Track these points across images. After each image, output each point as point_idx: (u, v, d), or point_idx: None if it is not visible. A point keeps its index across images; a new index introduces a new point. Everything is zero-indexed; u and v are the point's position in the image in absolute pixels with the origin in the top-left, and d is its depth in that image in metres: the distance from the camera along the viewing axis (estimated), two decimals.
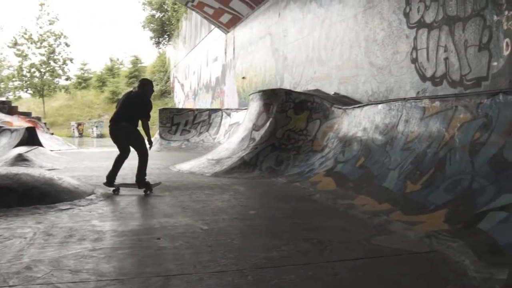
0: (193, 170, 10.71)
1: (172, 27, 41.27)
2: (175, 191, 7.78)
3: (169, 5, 40.78)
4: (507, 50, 6.78)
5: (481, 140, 5.70)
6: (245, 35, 20.61)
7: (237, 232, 5.02)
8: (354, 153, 8.31)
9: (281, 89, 12.09)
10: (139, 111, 7.57)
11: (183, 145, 18.63)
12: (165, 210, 6.24)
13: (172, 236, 4.77)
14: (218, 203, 6.83)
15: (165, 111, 20.41)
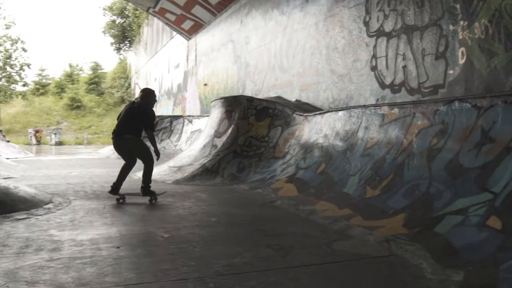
0: (154, 177, 10.51)
1: (133, 33, 40.83)
2: (135, 199, 7.66)
3: (130, 11, 40.34)
4: (462, 59, 6.98)
5: (438, 146, 5.84)
6: (207, 42, 20.57)
7: (198, 239, 4.97)
8: (315, 160, 8.38)
9: (243, 96, 12.11)
10: (143, 122, 7.44)
11: None
12: (125, 218, 6.14)
13: (132, 245, 4.69)
14: (179, 210, 6.77)
15: None
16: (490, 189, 4.65)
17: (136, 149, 7.51)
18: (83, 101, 44.77)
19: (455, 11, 7.10)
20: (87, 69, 51.64)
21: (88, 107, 44.42)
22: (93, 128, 41.02)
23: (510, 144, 4.81)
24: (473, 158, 5.19)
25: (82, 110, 44.06)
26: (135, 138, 7.40)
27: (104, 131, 39.82)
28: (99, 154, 21.61)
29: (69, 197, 7.71)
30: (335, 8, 10.49)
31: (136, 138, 7.43)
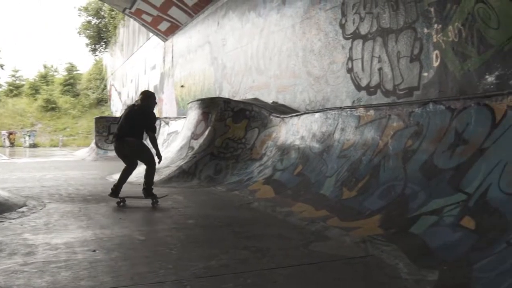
0: (131, 180, 10.45)
1: (109, 34, 40.44)
2: (111, 201, 7.57)
3: (106, 12, 39.95)
4: (436, 62, 7.08)
5: (413, 147, 5.91)
6: (184, 43, 20.49)
7: (175, 242, 4.94)
8: (292, 161, 8.41)
9: (219, 98, 12.09)
10: (144, 124, 7.38)
11: None
12: (101, 221, 6.06)
13: (108, 248, 4.63)
14: (156, 213, 6.72)
15: (101, 119, 19.91)
16: (463, 189, 4.73)
17: (138, 152, 7.44)
18: (58, 103, 44.10)
19: (429, 14, 7.20)
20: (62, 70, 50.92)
21: (63, 109, 43.78)
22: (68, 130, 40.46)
23: (483, 146, 4.90)
24: (447, 159, 5.26)
25: (57, 111, 43.40)
26: (136, 140, 7.34)
27: (79, 133, 39.33)
28: (75, 156, 21.34)
29: (44, 200, 7.58)
30: (312, 10, 10.55)
31: (138, 141, 7.37)
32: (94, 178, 11.17)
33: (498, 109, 4.98)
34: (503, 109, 4.91)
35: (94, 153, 18.50)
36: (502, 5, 5.99)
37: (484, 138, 4.95)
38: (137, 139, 7.33)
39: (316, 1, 10.42)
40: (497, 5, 6.05)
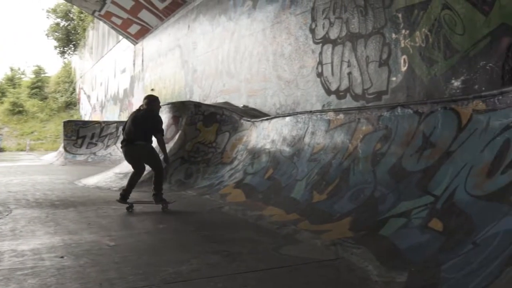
0: (100, 184, 10.36)
1: (78, 36, 39.81)
2: (80, 206, 7.46)
3: (75, 14, 39.32)
4: (404, 66, 7.20)
5: (382, 150, 5.99)
6: (154, 47, 20.34)
7: (145, 247, 4.89)
8: (262, 165, 8.42)
9: (190, 102, 12.04)
10: (152, 127, 7.35)
11: (90, 158, 17.98)
12: (70, 226, 5.95)
13: (76, 254, 4.55)
14: (126, 217, 6.64)
15: (70, 123, 19.60)
16: (431, 192, 4.81)
17: (147, 156, 7.39)
18: (25, 106, 43.12)
19: (397, 20, 7.32)
20: (29, 73, 49.81)
21: (30, 112, 42.84)
22: (36, 134, 39.61)
23: (450, 149, 5.00)
24: (415, 162, 5.35)
25: (24, 115, 42.42)
26: (146, 144, 7.31)
27: (47, 137, 38.54)
28: (42, 160, 20.92)
29: (10, 206, 7.42)
30: (282, 15, 10.61)
31: (148, 144, 7.34)
32: (62, 183, 10.98)
33: (464, 113, 5.09)
34: (469, 113, 5.03)
35: (63, 157, 18.19)
36: (467, 12, 6.13)
37: (450, 142, 5.05)
38: (147, 143, 7.33)
39: (286, 6, 10.48)
40: (462, 11, 6.20)
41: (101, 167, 15.22)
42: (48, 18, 43.12)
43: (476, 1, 6.01)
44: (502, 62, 5.66)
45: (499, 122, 4.58)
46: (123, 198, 7.33)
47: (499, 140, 4.43)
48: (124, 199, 7.33)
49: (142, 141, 7.27)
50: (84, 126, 19.48)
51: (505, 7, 5.64)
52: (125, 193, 7.36)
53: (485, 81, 5.86)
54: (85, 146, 18.73)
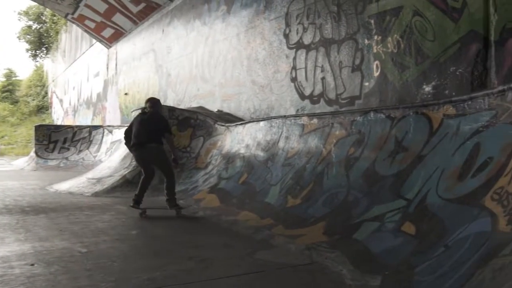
0: (72, 190, 10.20)
1: (51, 39, 39.15)
2: (51, 212, 7.33)
3: (47, 17, 38.66)
4: (377, 72, 7.29)
5: (355, 155, 6.05)
6: (128, 51, 20.17)
7: (118, 253, 4.83)
8: (237, 170, 8.42)
9: (164, 106, 11.95)
10: (160, 128, 7.35)
11: (62, 163, 17.68)
12: (40, 233, 5.84)
13: (47, 261, 4.46)
14: (98, 224, 6.54)
15: (42, 127, 19.25)
16: (404, 196, 4.87)
17: (159, 160, 7.38)
18: None
19: (369, 26, 7.41)
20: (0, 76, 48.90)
21: (1, 116, 41.95)
22: (6, 139, 38.78)
23: (422, 153, 5.07)
24: (388, 167, 5.42)
25: None
26: (158, 146, 7.30)
27: (18, 141, 37.76)
28: (13, 165, 20.48)
29: None
30: (256, 20, 10.64)
31: (160, 146, 7.34)
32: (33, 188, 10.77)
33: (435, 117, 5.18)
34: (440, 118, 5.12)
35: (34, 162, 17.85)
36: (437, 19, 6.25)
37: (422, 146, 5.13)
38: (158, 145, 7.33)
39: (260, 11, 10.52)
40: (432, 18, 6.30)
41: (73, 172, 14.99)
42: (20, 20, 42.27)
43: (446, 8, 6.13)
44: (471, 68, 5.78)
45: (469, 127, 4.67)
46: (137, 203, 7.28)
47: (469, 144, 4.52)
48: (138, 204, 7.28)
49: (153, 143, 7.27)
50: (56, 130, 19.15)
51: (474, 14, 5.76)
52: (137, 198, 7.31)
53: (455, 87, 5.97)
54: (57, 151, 18.41)
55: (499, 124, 4.31)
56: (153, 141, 7.29)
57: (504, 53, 5.45)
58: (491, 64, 5.59)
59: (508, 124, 4.18)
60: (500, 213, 3.53)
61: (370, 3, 7.40)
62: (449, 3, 6.08)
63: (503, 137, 4.14)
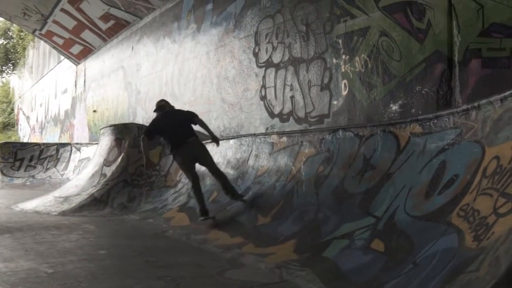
0: (38, 209, 9.96)
1: (18, 55, 38.47)
2: (16, 232, 7.14)
3: (14, 32, 37.98)
4: (345, 90, 7.39)
5: (324, 173, 6.10)
6: (97, 67, 19.98)
7: (86, 274, 4.72)
8: (207, 188, 8.36)
9: (133, 124, 11.87)
10: (189, 117, 7.49)
11: (28, 182, 17.27)
12: (5, 253, 5.67)
13: (12, 283, 4.32)
14: (65, 243, 6.40)
15: (7, 145, 18.81)
16: (373, 213, 4.92)
17: (202, 151, 7.41)
18: None
19: (337, 45, 7.53)
20: None
21: None
22: None
23: (390, 171, 5.15)
24: (357, 184, 5.47)
25: None
26: (196, 138, 7.35)
27: None
28: None
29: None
30: (226, 38, 10.70)
31: (198, 139, 7.39)
32: None
33: (402, 136, 5.28)
34: (407, 136, 5.22)
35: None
36: (403, 39, 6.40)
37: (390, 164, 5.21)
38: (196, 137, 7.37)
39: (230, 30, 10.59)
40: (398, 38, 6.45)
41: (40, 190, 14.67)
42: None
43: (412, 29, 6.29)
44: (437, 87, 5.92)
45: (435, 145, 4.77)
46: (206, 213, 7.08)
47: (436, 162, 4.61)
48: (207, 213, 7.09)
49: (192, 137, 7.29)
50: (23, 148, 18.73)
51: (438, 35, 5.92)
52: (203, 207, 7.13)
53: (421, 105, 6.10)
54: (23, 169, 17.98)
55: (464, 142, 4.41)
56: (190, 134, 7.32)
57: (467, 73, 5.61)
58: (456, 83, 5.74)
59: (472, 142, 4.28)
60: (466, 229, 3.60)
61: (338, 23, 7.54)
62: (415, 24, 6.25)
63: (468, 155, 4.24)
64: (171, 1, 13.51)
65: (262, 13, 9.49)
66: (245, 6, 10.08)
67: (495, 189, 3.54)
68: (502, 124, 3.93)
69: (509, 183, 3.41)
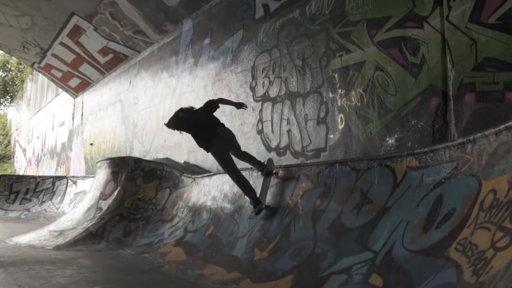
0: (33, 243, 9.86)
1: (16, 88, 38.71)
2: (10, 267, 7.04)
3: (13, 65, 38.33)
4: (341, 124, 7.44)
5: (321, 207, 6.07)
6: (95, 101, 20.10)
7: None
8: (203, 222, 8.32)
9: (130, 157, 11.87)
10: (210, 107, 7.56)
11: (23, 215, 17.13)
12: None
13: None
14: (59, 279, 6.31)
15: (3, 178, 18.75)
16: (370, 248, 4.88)
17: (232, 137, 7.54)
18: None
19: (333, 80, 7.61)
20: None
21: None
22: None
23: (387, 205, 5.13)
24: (354, 218, 5.45)
25: None
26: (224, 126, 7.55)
27: None
28: None
29: None
30: (223, 73, 10.81)
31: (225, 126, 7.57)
32: None
33: (398, 169, 5.28)
34: (403, 170, 5.22)
35: None
36: (398, 74, 6.48)
37: (387, 197, 5.20)
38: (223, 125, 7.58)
39: (227, 64, 10.70)
40: (394, 73, 6.53)
41: (35, 224, 14.55)
42: None
43: (406, 64, 6.37)
44: (432, 121, 5.97)
45: (431, 178, 4.77)
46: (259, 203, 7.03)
47: (432, 196, 4.61)
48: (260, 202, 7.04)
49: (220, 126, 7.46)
50: (18, 180, 18.66)
51: (433, 69, 6.00)
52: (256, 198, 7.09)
53: (417, 139, 6.13)
54: (18, 202, 17.86)
55: (460, 176, 4.42)
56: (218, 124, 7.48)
57: (462, 107, 5.66)
58: (451, 117, 5.79)
59: (468, 176, 4.29)
60: (465, 264, 3.57)
61: (334, 58, 7.64)
62: (409, 58, 6.34)
63: (465, 189, 4.24)
64: (169, 35, 13.71)
65: (259, 48, 9.62)
66: (242, 41, 10.23)
67: (492, 223, 3.53)
68: (497, 157, 3.95)
69: (506, 217, 3.40)
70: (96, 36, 16.44)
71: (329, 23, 7.81)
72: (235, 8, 10.59)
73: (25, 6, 16.22)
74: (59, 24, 16.96)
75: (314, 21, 8.17)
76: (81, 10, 15.50)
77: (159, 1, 12.54)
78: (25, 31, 18.29)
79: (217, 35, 11.30)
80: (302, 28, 8.47)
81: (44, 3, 15.68)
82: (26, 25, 17.79)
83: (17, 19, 17.45)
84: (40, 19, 17.08)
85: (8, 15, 17.04)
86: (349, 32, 7.38)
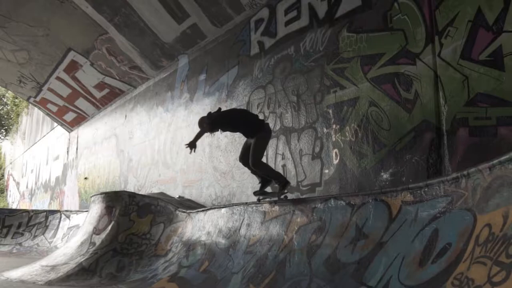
0: (24, 278, 9.69)
1: (11, 121, 38.77)
2: None
3: (9, 99, 38.54)
4: (336, 159, 7.47)
5: (316, 242, 6.04)
6: (90, 135, 20.11)
7: None
8: (198, 257, 8.23)
9: (124, 192, 11.80)
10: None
11: (15, 249, 16.88)
12: None
13: None
14: None
15: None
16: (366, 283, 4.84)
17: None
18: None
19: (328, 115, 7.69)
20: None
21: None
22: None
23: (382, 240, 5.11)
24: (350, 254, 5.41)
25: None
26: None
27: None
28: None
29: None
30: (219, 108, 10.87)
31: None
32: None
33: (393, 204, 5.28)
34: (398, 204, 5.22)
35: None
36: (391, 109, 6.56)
37: (382, 232, 5.18)
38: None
39: (223, 99, 10.79)
40: (387, 108, 6.61)
41: (26, 258, 14.32)
42: None
43: (400, 99, 6.46)
44: (426, 155, 6.01)
45: (426, 213, 4.77)
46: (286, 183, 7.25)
47: (428, 230, 4.60)
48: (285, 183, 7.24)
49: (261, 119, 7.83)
50: (11, 214, 18.45)
51: (426, 105, 6.09)
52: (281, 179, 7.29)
53: (412, 174, 6.16)
54: (10, 236, 17.61)
55: (455, 210, 4.43)
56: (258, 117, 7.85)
57: (456, 142, 5.72)
58: (445, 152, 5.84)
59: (463, 210, 4.30)
60: None
61: (328, 94, 7.73)
62: (402, 94, 6.43)
63: (460, 223, 4.24)
64: (165, 71, 13.85)
65: (254, 83, 9.73)
66: (237, 76, 10.35)
67: (488, 258, 3.53)
68: (491, 192, 3.97)
69: (502, 251, 3.40)
70: (92, 71, 16.58)
71: (323, 59, 7.94)
72: (231, 45, 10.75)
73: (22, 41, 16.38)
74: (56, 59, 17.11)
75: (309, 57, 8.30)
76: (78, 45, 15.67)
77: (155, 38, 12.73)
78: (22, 65, 18.43)
79: (213, 71, 11.43)
80: (296, 64, 8.59)
81: (41, 39, 15.86)
82: (23, 60, 17.95)
83: (14, 54, 17.60)
84: (37, 54, 17.24)
85: (5, 49, 17.18)
86: (343, 68, 7.50)
